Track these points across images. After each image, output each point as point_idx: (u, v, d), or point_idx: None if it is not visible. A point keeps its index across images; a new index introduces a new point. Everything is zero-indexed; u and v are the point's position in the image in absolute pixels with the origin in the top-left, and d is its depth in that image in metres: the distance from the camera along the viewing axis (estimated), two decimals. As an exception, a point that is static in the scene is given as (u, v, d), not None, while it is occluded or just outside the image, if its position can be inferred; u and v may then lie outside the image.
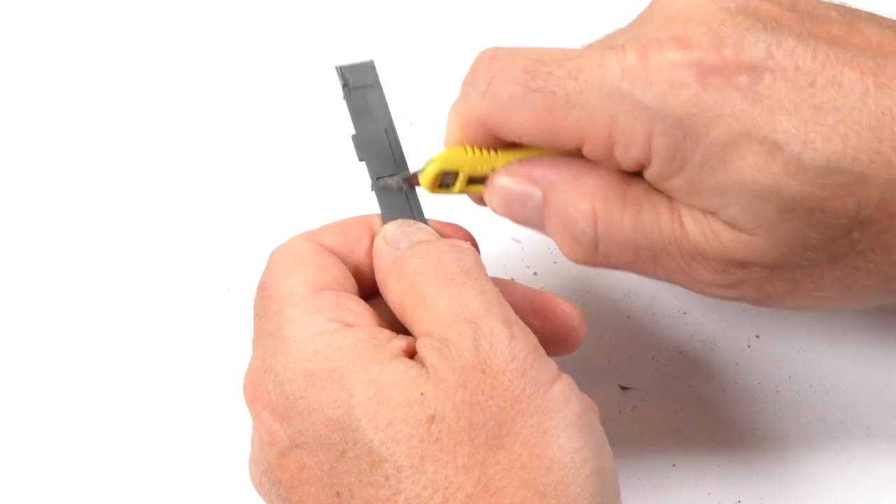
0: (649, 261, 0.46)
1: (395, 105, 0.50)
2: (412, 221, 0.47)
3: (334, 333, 0.43)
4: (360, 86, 0.49)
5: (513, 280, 0.53)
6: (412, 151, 0.49)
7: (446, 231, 0.48)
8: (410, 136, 0.51)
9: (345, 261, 0.47)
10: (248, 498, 0.47)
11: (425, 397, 0.41)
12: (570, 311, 0.47)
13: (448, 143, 0.47)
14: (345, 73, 0.49)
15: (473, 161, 0.47)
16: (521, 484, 0.40)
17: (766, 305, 0.47)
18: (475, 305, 0.42)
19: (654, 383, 0.55)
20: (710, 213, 0.44)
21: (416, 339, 0.43)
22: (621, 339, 0.56)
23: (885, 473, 0.52)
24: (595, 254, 0.46)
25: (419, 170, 0.47)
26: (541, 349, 0.43)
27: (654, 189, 0.45)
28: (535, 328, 0.43)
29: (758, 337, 0.56)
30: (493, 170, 0.47)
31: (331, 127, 0.59)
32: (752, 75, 0.42)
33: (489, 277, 0.44)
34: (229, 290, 0.58)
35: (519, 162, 0.47)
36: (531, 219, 0.47)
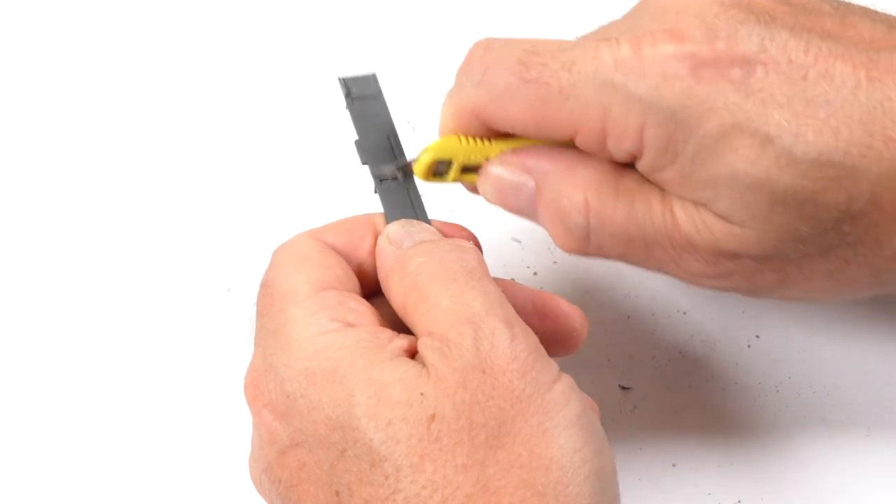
0: (641, 251, 0.46)
1: (396, 110, 0.50)
2: (415, 221, 0.47)
3: (336, 333, 0.43)
4: (363, 96, 0.49)
5: (513, 280, 0.53)
6: (412, 156, 0.49)
7: (449, 231, 0.48)
8: (413, 141, 0.51)
9: (348, 259, 0.47)
10: (248, 497, 0.47)
11: (425, 397, 0.41)
12: (571, 311, 0.47)
13: (442, 132, 0.48)
14: (348, 84, 0.50)
15: (467, 150, 0.47)
16: (520, 483, 0.40)
17: (756, 296, 0.47)
18: (477, 305, 0.42)
19: (654, 383, 0.55)
20: (702, 205, 0.44)
21: (417, 339, 0.43)
22: (621, 339, 0.56)
23: (885, 473, 0.52)
24: (587, 244, 0.46)
25: (414, 158, 0.48)
26: (542, 350, 0.43)
27: (647, 180, 0.45)
28: (535, 328, 0.43)
29: (758, 337, 0.56)
30: (487, 159, 0.47)
31: (332, 126, 0.59)
32: (744, 68, 0.42)
33: (491, 277, 0.44)
34: (229, 290, 0.58)
35: (512, 152, 0.47)
36: (524, 208, 0.47)
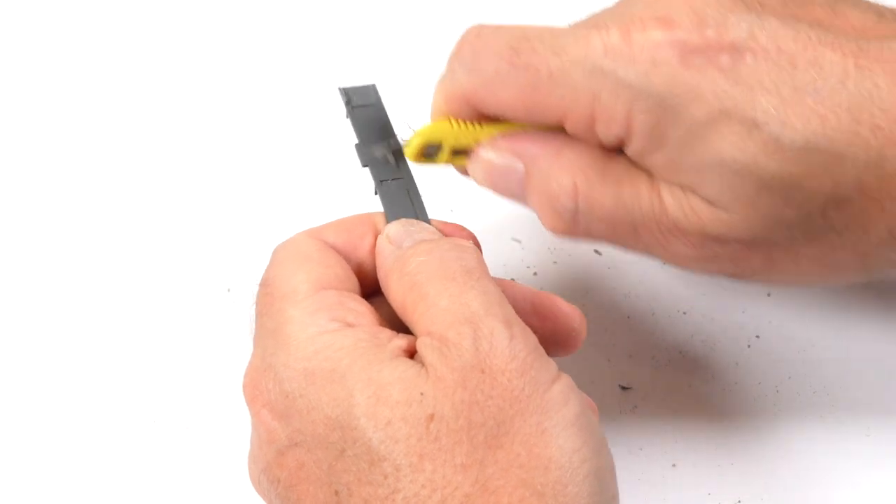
0: (629, 235, 0.46)
1: (396, 112, 0.50)
2: (415, 221, 0.47)
3: (335, 333, 0.43)
4: (363, 105, 0.50)
5: (513, 280, 0.53)
6: (406, 138, 0.49)
7: (449, 231, 0.48)
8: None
9: (347, 258, 0.47)
10: (248, 497, 0.47)
11: (424, 396, 0.41)
12: (570, 311, 0.47)
13: (434, 116, 0.48)
14: (348, 93, 0.50)
15: (458, 134, 0.47)
16: (519, 483, 0.40)
17: (743, 280, 0.48)
18: (476, 305, 0.42)
19: (654, 383, 0.55)
20: (689, 190, 0.44)
21: (416, 339, 0.43)
22: (621, 339, 0.56)
23: (884, 473, 0.52)
24: (575, 227, 0.47)
25: (405, 141, 0.48)
26: (541, 350, 0.43)
27: (635, 165, 0.46)
28: (535, 328, 0.43)
29: (758, 337, 0.56)
30: (477, 142, 0.48)
31: (331, 128, 0.59)
32: (733, 55, 0.42)
33: (491, 277, 0.44)
34: (229, 290, 0.58)
35: (503, 136, 0.47)
36: (513, 192, 0.47)
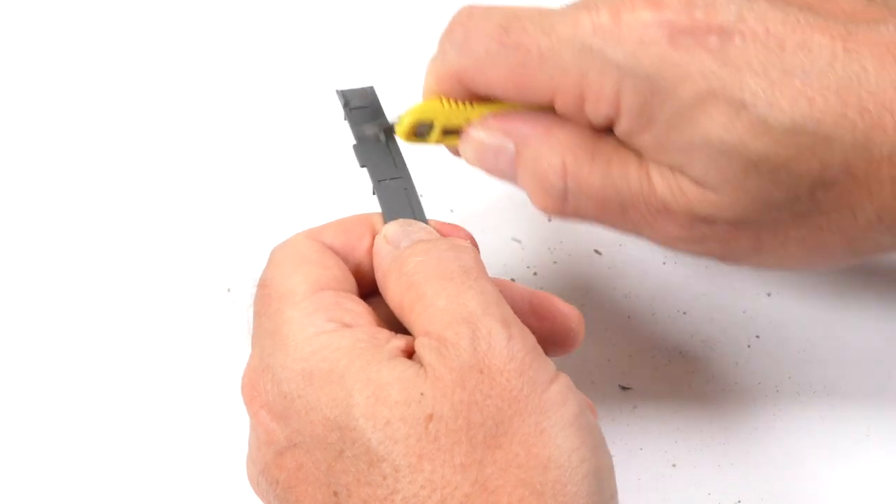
0: (617, 214, 0.46)
1: (395, 113, 0.50)
2: (413, 221, 0.47)
3: (332, 334, 0.43)
4: (360, 107, 0.50)
5: (512, 280, 0.53)
6: (413, 156, 0.49)
7: (447, 231, 0.48)
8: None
9: (345, 259, 0.47)
10: (248, 497, 0.47)
11: (423, 396, 0.41)
12: (568, 312, 0.47)
13: (425, 95, 0.48)
14: (346, 95, 0.50)
15: (449, 113, 0.48)
16: (518, 483, 0.40)
17: (731, 262, 0.48)
18: (473, 305, 0.42)
19: (654, 383, 0.55)
20: (677, 170, 0.45)
21: (414, 339, 0.43)
22: (621, 339, 0.56)
23: (884, 473, 0.52)
24: (564, 206, 0.47)
25: (396, 120, 0.48)
26: (539, 349, 0.42)
27: (624, 145, 0.46)
28: (533, 328, 0.43)
29: (758, 337, 0.56)
30: (468, 122, 0.48)
31: (330, 128, 0.59)
32: (721, 37, 0.43)
33: (489, 277, 0.44)
34: (229, 290, 0.58)
35: (493, 115, 0.47)
36: (504, 171, 0.48)
